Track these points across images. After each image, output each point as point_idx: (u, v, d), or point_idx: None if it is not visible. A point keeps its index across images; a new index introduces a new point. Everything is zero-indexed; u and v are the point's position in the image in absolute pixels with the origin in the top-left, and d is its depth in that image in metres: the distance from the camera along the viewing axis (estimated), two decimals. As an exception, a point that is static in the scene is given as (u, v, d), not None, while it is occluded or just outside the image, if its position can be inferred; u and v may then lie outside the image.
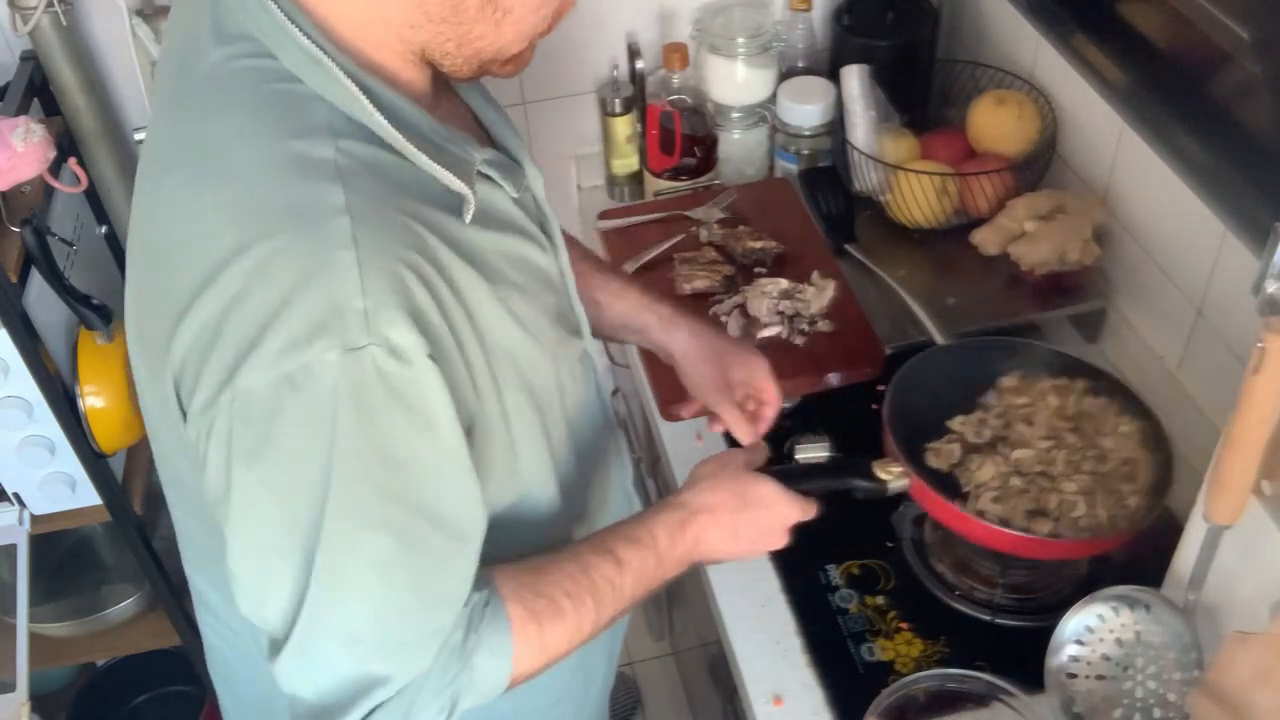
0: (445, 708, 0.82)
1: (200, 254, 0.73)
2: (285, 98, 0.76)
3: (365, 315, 0.70)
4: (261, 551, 0.77)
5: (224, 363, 0.72)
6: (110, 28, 1.59)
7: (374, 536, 0.75)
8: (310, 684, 0.79)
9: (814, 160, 1.71)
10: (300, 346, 0.70)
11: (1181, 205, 1.29)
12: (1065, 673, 1.05)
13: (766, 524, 1.02)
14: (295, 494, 0.74)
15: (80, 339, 1.48)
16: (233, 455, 0.73)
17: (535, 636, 0.86)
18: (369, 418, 0.72)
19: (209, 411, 0.73)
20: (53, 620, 1.74)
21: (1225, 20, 1.21)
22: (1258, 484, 0.90)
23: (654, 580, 0.95)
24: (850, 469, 1.13)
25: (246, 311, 0.71)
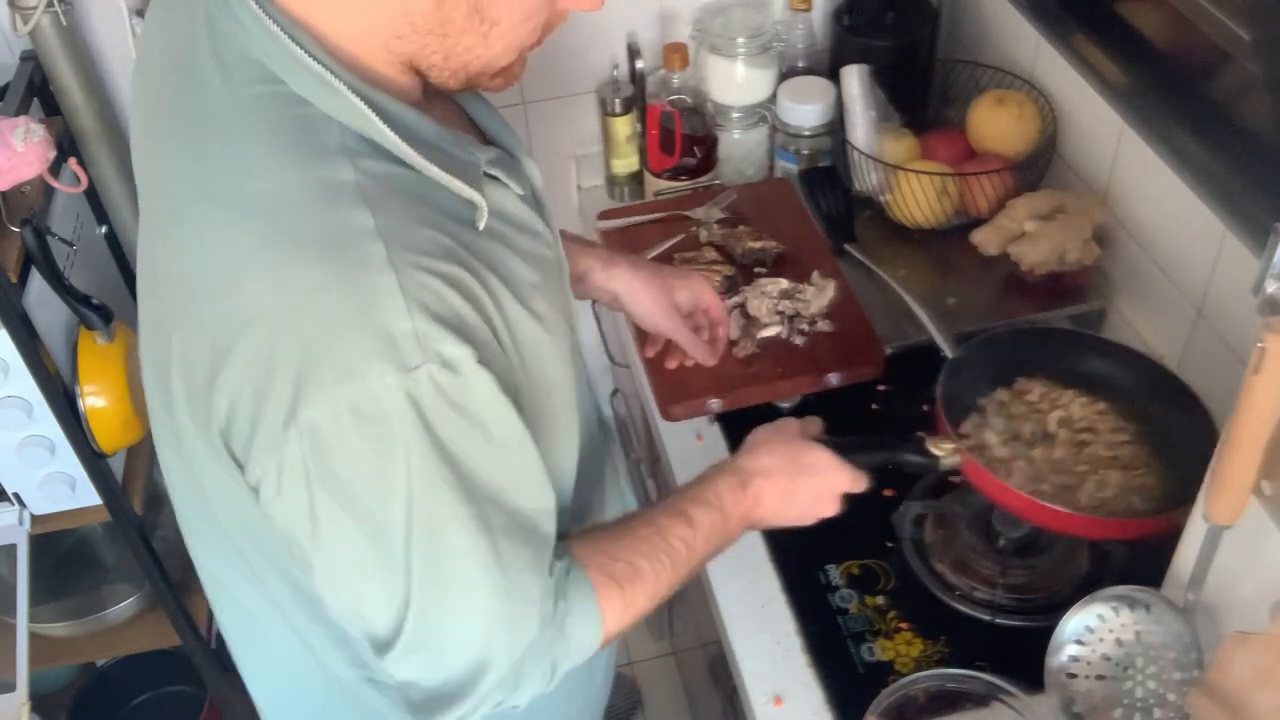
0: (547, 674, 0.88)
1: (236, 291, 0.73)
2: (298, 122, 0.75)
3: (415, 335, 0.71)
4: (356, 571, 0.80)
5: (283, 400, 0.72)
6: (110, 28, 1.59)
7: (460, 533, 0.79)
8: (427, 673, 0.84)
9: (814, 160, 1.71)
10: (357, 375, 0.71)
11: (1181, 205, 1.29)
12: (1065, 673, 1.05)
13: (819, 490, 1.07)
14: (380, 512, 0.76)
15: (80, 339, 1.48)
16: (312, 486, 0.75)
17: (618, 597, 0.91)
18: (435, 430, 0.74)
19: (277, 449, 0.74)
20: (53, 620, 1.74)
21: (1225, 20, 1.21)
22: (1258, 484, 0.89)
23: (722, 540, 1.01)
24: (904, 444, 1.16)
25: (297, 347, 0.71)
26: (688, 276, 1.25)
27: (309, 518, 0.77)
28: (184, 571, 1.82)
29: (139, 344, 0.91)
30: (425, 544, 0.78)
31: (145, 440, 1.60)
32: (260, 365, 0.72)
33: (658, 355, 1.34)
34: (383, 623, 0.82)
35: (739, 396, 1.39)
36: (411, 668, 0.84)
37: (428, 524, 0.77)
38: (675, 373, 1.41)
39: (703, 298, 1.24)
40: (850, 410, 1.42)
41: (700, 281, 1.24)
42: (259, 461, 0.76)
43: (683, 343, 1.23)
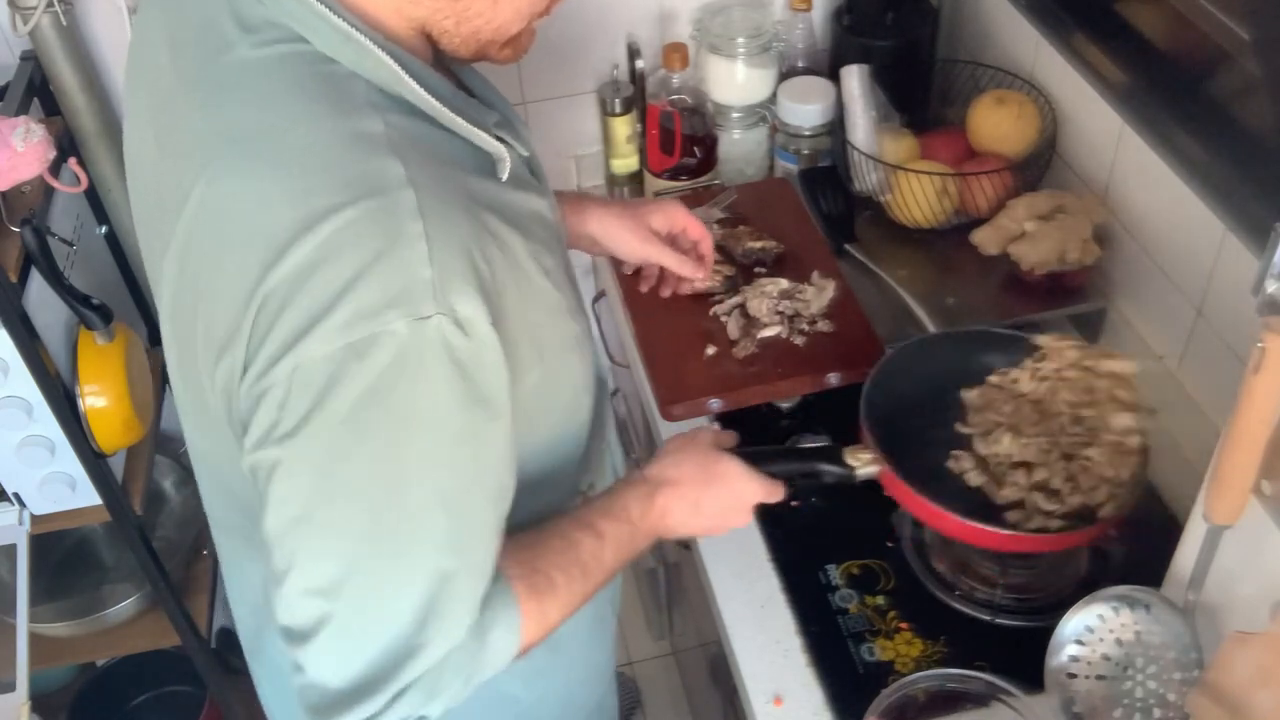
0: (462, 687, 0.84)
1: (268, 238, 0.72)
2: (327, 78, 0.76)
3: (433, 285, 0.71)
4: (306, 526, 0.76)
5: (289, 332, 0.71)
6: (110, 28, 1.59)
7: (429, 506, 0.77)
8: (342, 667, 0.79)
9: (814, 160, 1.71)
10: (369, 317, 0.70)
11: (1181, 205, 1.29)
12: (1065, 673, 1.05)
13: (728, 501, 1.05)
14: (349, 464, 0.74)
15: (80, 339, 1.48)
16: (282, 422, 0.73)
17: (537, 610, 0.88)
18: (429, 387, 0.73)
19: (263, 380, 0.73)
20: (53, 620, 1.74)
21: (1225, 20, 1.21)
22: (1258, 484, 0.89)
23: (630, 551, 0.99)
24: (818, 454, 1.14)
25: (318, 283, 0.71)
26: (659, 202, 1.26)
27: (274, 455, 0.74)
28: (184, 571, 1.83)
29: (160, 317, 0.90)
30: (389, 508, 0.75)
31: (145, 440, 1.60)
32: (279, 296, 0.72)
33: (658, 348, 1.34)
34: (317, 596, 0.77)
35: (739, 396, 1.39)
36: (327, 660, 0.79)
37: (398, 488, 0.75)
38: (675, 373, 1.41)
39: (677, 219, 1.24)
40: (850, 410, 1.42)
41: (673, 204, 1.24)
42: (247, 392, 0.74)
43: (670, 265, 1.23)
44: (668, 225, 1.25)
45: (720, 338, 1.45)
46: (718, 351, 1.43)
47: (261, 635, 1.09)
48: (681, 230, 1.26)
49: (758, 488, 1.06)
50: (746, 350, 1.42)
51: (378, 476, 0.75)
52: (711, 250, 1.27)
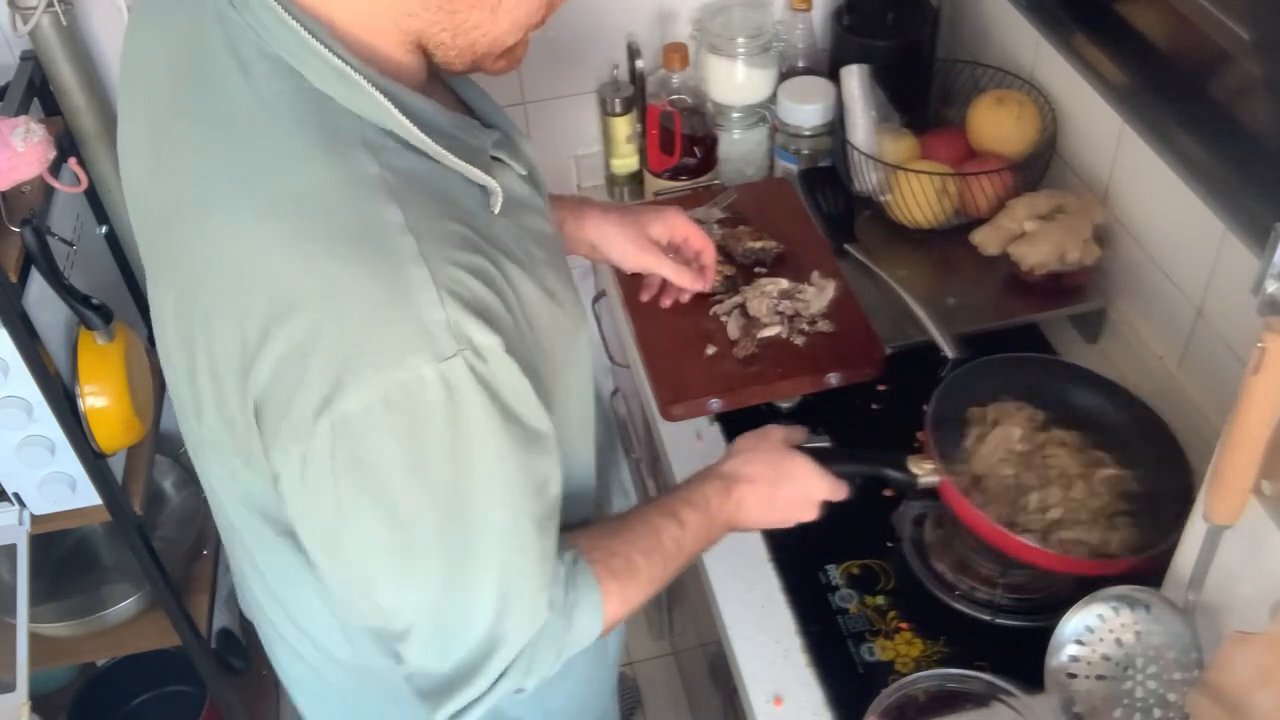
0: (554, 660, 0.92)
1: (271, 284, 0.73)
2: (320, 116, 0.76)
3: (448, 325, 0.72)
4: (375, 561, 0.81)
5: (317, 391, 0.72)
6: (110, 28, 1.59)
7: (487, 518, 0.81)
8: (444, 658, 0.86)
9: (814, 160, 1.71)
10: (393, 367, 0.72)
11: (1181, 205, 1.29)
12: (1065, 673, 1.05)
13: (799, 497, 1.10)
14: (408, 501, 0.77)
15: (80, 339, 1.48)
16: (339, 477, 0.75)
17: (617, 590, 0.95)
18: (469, 418, 0.75)
19: (304, 439, 0.74)
20: (53, 620, 1.74)
21: (1225, 20, 1.21)
22: (1258, 484, 0.89)
23: (706, 541, 1.06)
24: (884, 459, 1.19)
25: (331, 337, 0.72)
26: (661, 210, 1.24)
27: (333, 509, 0.78)
28: (184, 571, 1.83)
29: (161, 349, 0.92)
30: (452, 529, 0.80)
31: (145, 440, 1.60)
32: (294, 357, 0.73)
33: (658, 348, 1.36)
34: (398, 613, 0.84)
35: (739, 396, 1.39)
36: (426, 654, 0.86)
37: (455, 509, 0.79)
38: (675, 373, 1.41)
39: (678, 228, 1.23)
40: (850, 410, 1.42)
41: (674, 212, 1.24)
42: (283, 450, 0.76)
43: (669, 275, 1.23)
44: (668, 234, 1.24)
45: (720, 338, 1.45)
46: (718, 351, 1.43)
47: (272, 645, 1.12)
48: (683, 239, 1.25)
49: (826, 486, 1.11)
50: (746, 350, 1.42)
51: (435, 505, 0.78)
52: (714, 261, 1.27)
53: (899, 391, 1.43)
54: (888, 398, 1.44)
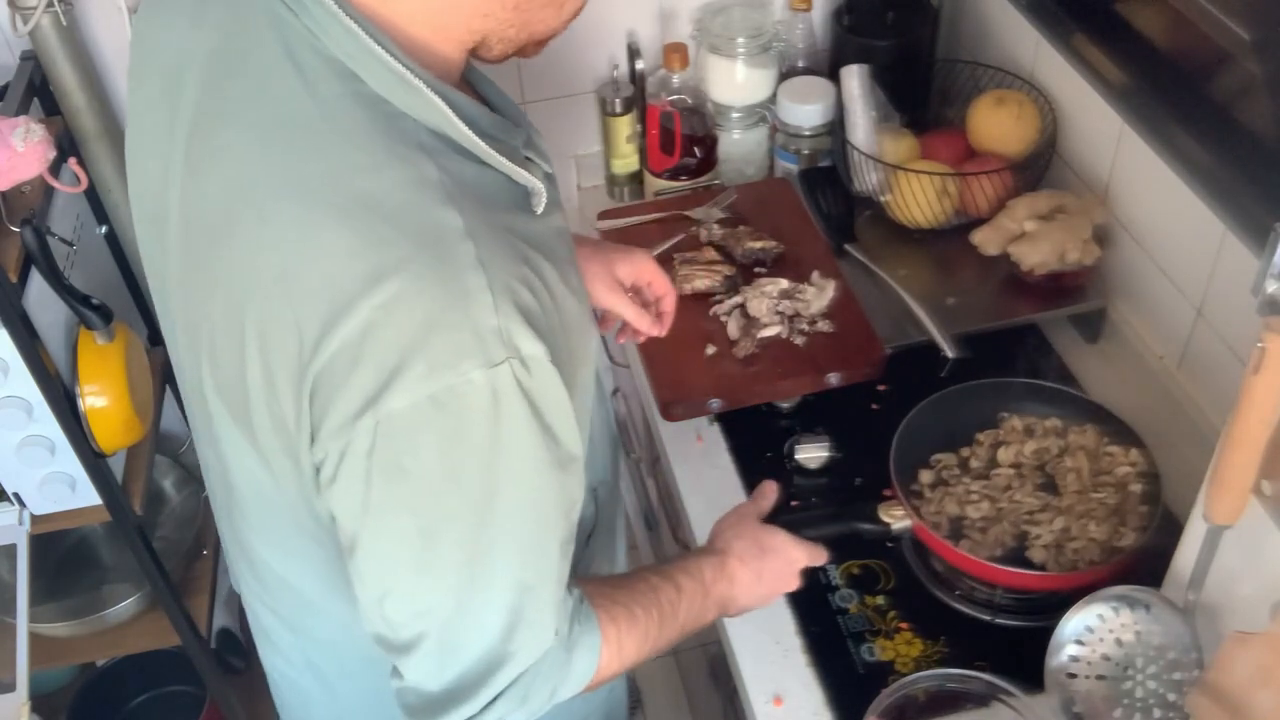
0: (549, 697, 0.90)
1: (331, 287, 0.73)
2: (383, 121, 0.76)
3: (499, 332, 0.73)
4: (394, 565, 0.81)
5: (365, 387, 0.73)
6: (110, 28, 1.59)
7: (512, 531, 0.80)
8: (441, 675, 0.84)
9: (814, 160, 1.71)
10: (445, 369, 0.72)
11: (1181, 205, 1.29)
12: (1065, 673, 1.05)
13: (783, 569, 1.11)
14: (437, 506, 0.78)
15: (80, 339, 1.48)
16: (372, 475, 0.76)
17: (615, 639, 0.93)
18: (510, 427, 0.76)
19: (345, 433, 0.75)
20: (53, 620, 1.74)
21: (1225, 20, 1.21)
22: (1258, 484, 0.89)
23: (699, 612, 1.04)
24: (854, 514, 1.23)
25: (388, 338, 0.72)
26: (629, 252, 1.25)
27: (361, 506, 0.78)
28: (184, 571, 1.83)
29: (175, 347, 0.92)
30: (477, 540, 0.80)
31: (145, 440, 1.60)
32: (349, 354, 0.73)
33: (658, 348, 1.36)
34: (409, 622, 0.82)
35: (739, 396, 1.39)
36: (427, 670, 0.84)
37: (484, 519, 0.79)
38: (675, 373, 1.41)
39: (644, 272, 1.25)
40: (850, 410, 1.42)
41: (641, 256, 1.25)
42: (323, 445, 0.77)
43: (630, 318, 1.24)
44: (633, 277, 1.25)
45: (720, 338, 1.45)
46: (718, 351, 1.43)
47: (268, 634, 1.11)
48: (647, 284, 1.26)
49: (804, 554, 1.12)
50: (746, 350, 1.42)
51: (468, 514, 0.79)
52: (673, 307, 1.27)
53: (899, 391, 1.43)
54: (888, 398, 1.44)
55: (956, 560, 1.19)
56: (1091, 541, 1.18)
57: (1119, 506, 1.21)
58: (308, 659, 1.10)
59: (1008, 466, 1.27)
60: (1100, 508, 1.21)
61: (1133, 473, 1.23)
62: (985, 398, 1.31)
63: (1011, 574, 1.17)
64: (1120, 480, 1.23)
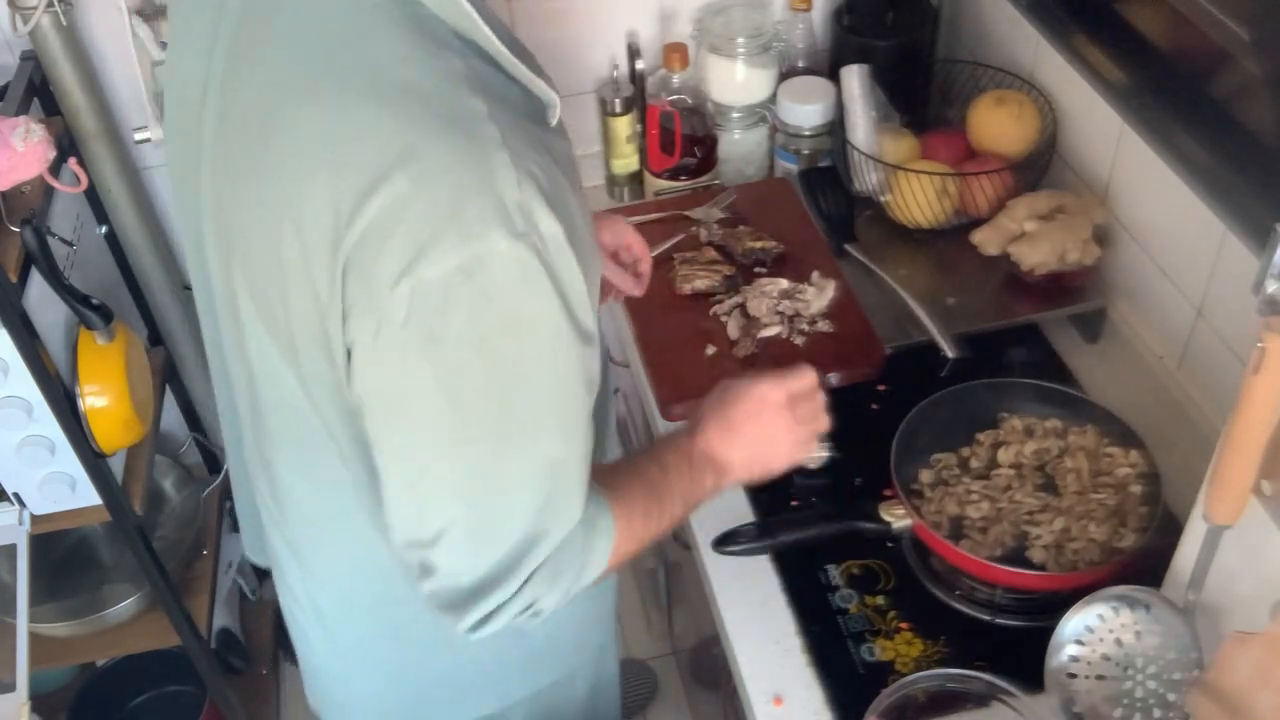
0: (575, 579, 0.94)
1: (367, 163, 0.78)
2: (415, 20, 0.82)
3: (521, 206, 0.78)
4: (432, 441, 0.84)
5: (398, 258, 0.77)
6: (110, 28, 1.59)
7: (547, 403, 0.85)
8: (475, 562, 0.88)
9: (814, 160, 1.71)
10: (473, 239, 0.77)
11: (1181, 205, 1.29)
12: (1065, 673, 1.05)
13: (755, 410, 1.09)
14: (473, 377, 0.81)
15: (80, 339, 1.48)
16: (407, 344, 0.79)
17: (625, 518, 0.97)
18: (534, 298, 0.80)
19: (380, 307, 0.79)
20: (53, 620, 1.74)
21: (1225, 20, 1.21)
22: (1258, 484, 0.89)
23: (692, 483, 1.06)
24: (855, 512, 1.23)
25: (418, 210, 0.77)
26: (609, 219, 1.33)
27: (398, 379, 0.81)
28: (184, 571, 1.83)
29: (205, 263, 0.96)
30: (509, 411, 0.83)
31: (145, 440, 1.60)
32: (382, 226, 0.77)
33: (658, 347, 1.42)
34: (437, 505, 0.86)
35: (739, 396, 1.39)
36: (457, 555, 0.87)
37: (514, 389, 0.83)
38: (675, 373, 1.41)
39: (622, 236, 1.33)
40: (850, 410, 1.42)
41: (620, 222, 1.34)
42: (358, 320, 0.80)
43: (610, 278, 1.32)
44: (614, 242, 1.32)
45: (720, 338, 1.45)
46: (718, 351, 1.43)
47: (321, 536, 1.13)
48: (626, 247, 1.33)
49: (775, 387, 1.09)
50: (746, 350, 1.42)
51: (497, 384, 0.82)
52: (649, 270, 1.34)
53: (899, 391, 1.43)
54: (888, 398, 1.44)
55: (957, 560, 1.19)
56: (1091, 542, 1.18)
57: (1119, 507, 1.21)
58: (313, 599, 1.13)
59: (1008, 467, 1.27)
60: (1100, 508, 1.21)
61: (1133, 473, 1.23)
62: (985, 398, 1.31)
63: (1012, 574, 1.17)
64: (1120, 481, 1.23)
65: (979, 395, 1.31)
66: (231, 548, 2.09)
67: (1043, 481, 1.26)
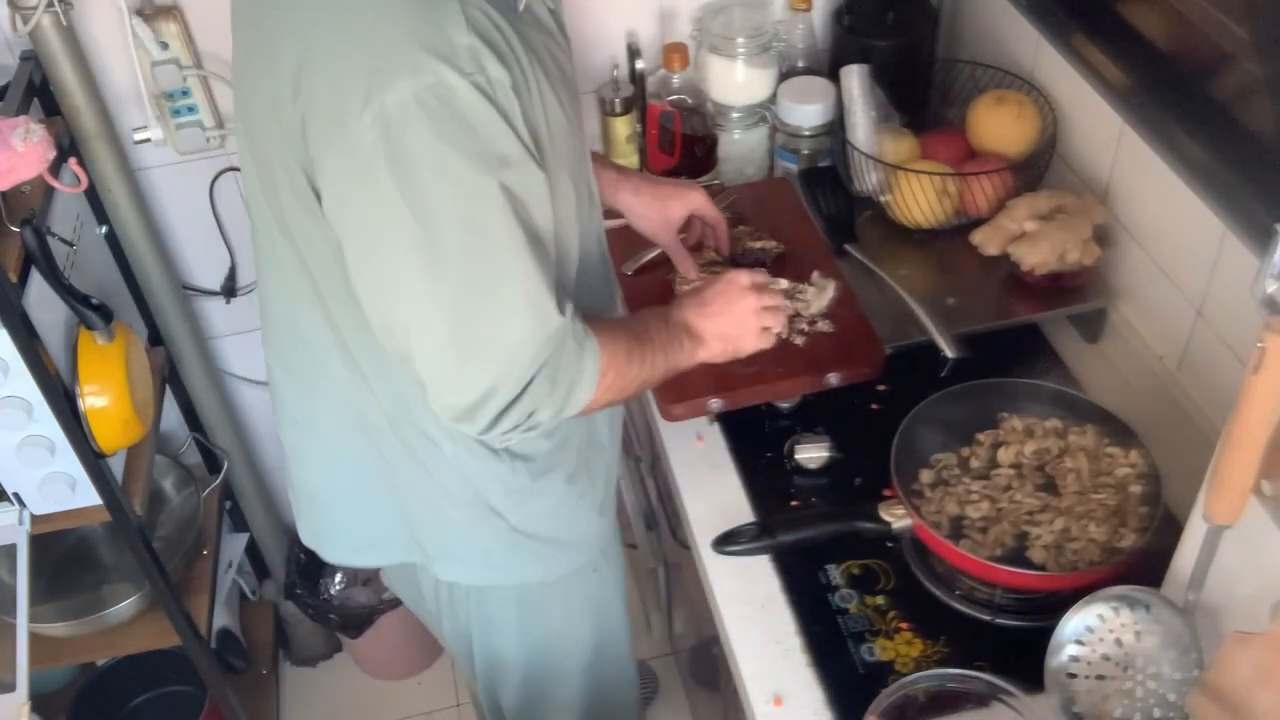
0: (567, 393, 1.05)
1: (331, 8, 0.91)
2: None
3: (470, 50, 0.89)
4: (401, 262, 0.94)
5: (357, 93, 0.87)
6: (110, 28, 1.59)
7: (505, 220, 0.94)
8: (467, 378, 1.00)
9: (814, 160, 1.71)
10: (426, 72, 0.87)
11: (1181, 205, 1.29)
12: (1065, 673, 1.05)
13: (720, 288, 1.24)
14: (437, 193, 0.91)
15: (80, 339, 1.48)
16: (376, 171, 0.89)
17: (609, 347, 1.09)
18: (486, 124, 0.90)
19: (347, 139, 0.89)
20: (53, 620, 1.74)
21: (1225, 20, 1.21)
22: (1258, 484, 0.89)
23: (669, 341, 1.19)
24: (855, 512, 1.24)
25: (377, 48, 0.88)
26: (684, 191, 1.43)
27: (369, 206, 0.92)
28: (184, 571, 1.83)
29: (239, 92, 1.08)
30: (472, 227, 0.93)
31: (145, 440, 1.60)
32: (338, 64, 0.89)
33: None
34: (427, 326, 0.97)
35: (739, 396, 1.39)
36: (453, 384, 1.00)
37: (470, 202, 0.92)
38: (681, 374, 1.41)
39: (696, 206, 1.43)
40: (850, 410, 1.42)
41: (695, 193, 1.43)
42: (330, 159, 0.91)
43: (672, 255, 1.46)
44: (686, 211, 1.43)
45: (720, 338, 1.45)
46: (718, 351, 1.43)
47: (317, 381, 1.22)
48: (700, 215, 1.44)
49: (738, 273, 1.26)
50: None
51: (459, 200, 0.92)
52: (725, 234, 1.46)
53: (899, 391, 1.43)
54: (888, 398, 1.44)
55: (957, 560, 1.19)
56: (1091, 542, 1.18)
57: (1119, 507, 1.21)
58: (310, 415, 1.25)
59: (1008, 467, 1.27)
60: (1100, 508, 1.21)
61: (1132, 473, 1.23)
62: (985, 398, 1.31)
63: (1012, 574, 1.17)
64: (1120, 481, 1.23)
65: (979, 395, 1.31)
66: (231, 548, 2.09)
67: (1043, 481, 1.26)
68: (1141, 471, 1.22)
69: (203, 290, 1.91)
